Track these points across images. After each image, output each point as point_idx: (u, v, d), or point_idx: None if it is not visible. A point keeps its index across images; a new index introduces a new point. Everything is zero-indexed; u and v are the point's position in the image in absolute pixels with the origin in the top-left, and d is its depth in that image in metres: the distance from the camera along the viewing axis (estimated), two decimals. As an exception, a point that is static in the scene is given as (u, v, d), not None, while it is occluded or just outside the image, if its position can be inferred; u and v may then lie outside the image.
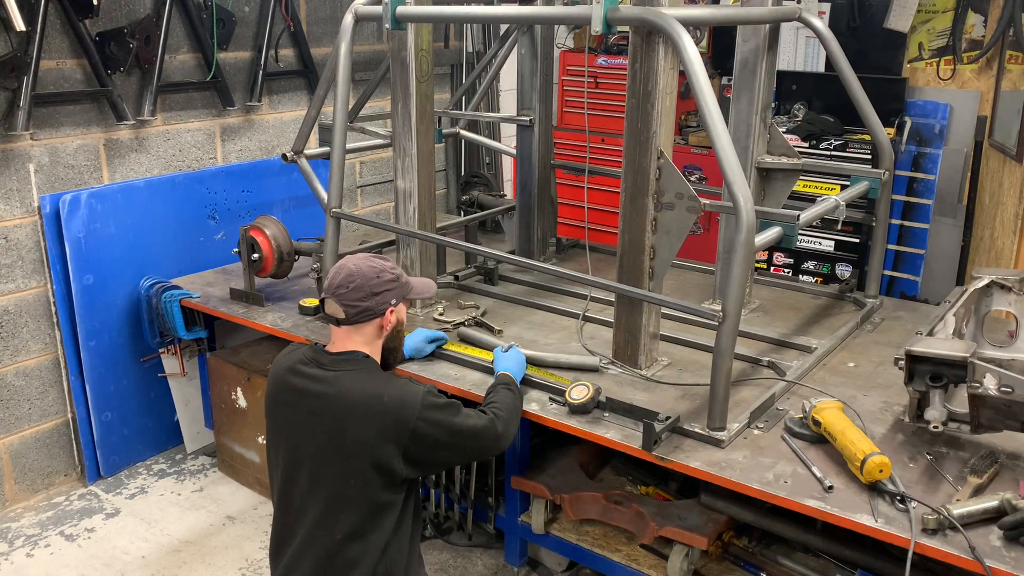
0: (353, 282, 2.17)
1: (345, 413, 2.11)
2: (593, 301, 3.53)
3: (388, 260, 2.29)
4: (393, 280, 2.23)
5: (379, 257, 2.28)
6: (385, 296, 2.21)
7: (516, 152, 4.11)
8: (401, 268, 2.31)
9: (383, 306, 2.21)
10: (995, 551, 2.03)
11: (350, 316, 2.18)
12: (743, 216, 2.37)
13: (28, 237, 3.66)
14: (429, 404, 2.13)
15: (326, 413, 2.13)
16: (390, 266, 2.25)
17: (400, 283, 2.25)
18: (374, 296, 2.19)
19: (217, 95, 4.22)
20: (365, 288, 2.17)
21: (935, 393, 2.38)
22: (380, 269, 2.21)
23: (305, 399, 2.17)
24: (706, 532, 2.62)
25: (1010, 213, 4.07)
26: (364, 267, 2.20)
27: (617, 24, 2.59)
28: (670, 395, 2.82)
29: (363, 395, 2.11)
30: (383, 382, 2.16)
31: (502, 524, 3.16)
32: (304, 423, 2.16)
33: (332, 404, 2.12)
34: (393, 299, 2.22)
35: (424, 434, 2.11)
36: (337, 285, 2.18)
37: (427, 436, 2.12)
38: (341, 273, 2.19)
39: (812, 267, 4.95)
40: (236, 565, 3.42)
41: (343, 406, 2.11)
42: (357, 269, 2.19)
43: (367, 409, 2.09)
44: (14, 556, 3.46)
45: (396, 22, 3.14)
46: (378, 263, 2.23)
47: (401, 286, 2.25)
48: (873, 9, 4.86)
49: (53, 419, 3.88)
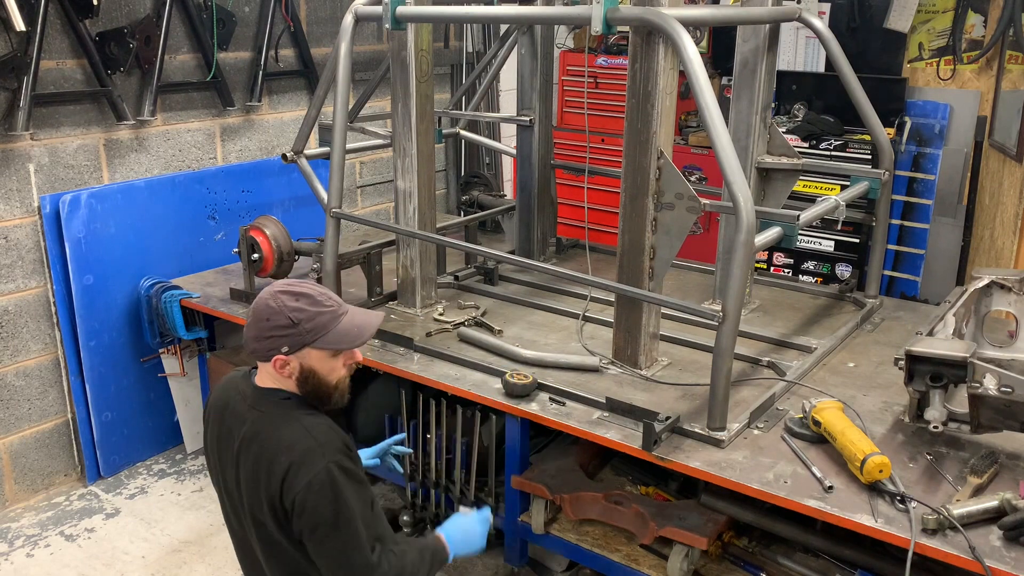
0: (249, 317, 1.97)
1: (254, 461, 1.92)
2: (593, 301, 3.53)
3: (309, 293, 1.95)
4: (286, 327, 1.90)
5: (299, 290, 1.95)
6: (273, 343, 1.92)
7: (516, 152, 4.11)
8: (328, 309, 1.94)
9: (271, 352, 1.93)
10: (995, 551, 2.03)
11: (256, 354, 1.98)
12: (743, 216, 2.37)
13: (28, 237, 3.66)
14: (327, 485, 1.84)
15: (241, 459, 1.95)
16: (294, 306, 1.91)
17: (296, 330, 1.90)
18: (264, 339, 1.93)
19: (217, 95, 4.22)
20: (254, 327, 1.94)
21: (935, 393, 2.39)
22: (276, 310, 1.90)
23: (230, 441, 2.00)
24: (706, 532, 2.61)
25: (1010, 213, 4.07)
26: (263, 304, 1.93)
27: (617, 24, 2.59)
28: (670, 395, 2.82)
29: (266, 445, 1.91)
30: (289, 434, 1.91)
31: (502, 524, 3.16)
32: (229, 467, 2.02)
33: (247, 449, 1.94)
34: (284, 347, 1.91)
35: (303, 509, 1.84)
36: (247, 312, 1.99)
37: (305, 513, 1.85)
38: (252, 304, 1.98)
39: (812, 267, 4.95)
40: (236, 565, 3.40)
41: (254, 453, 1.93)
42: (258, 303, 1.95)
43: (268, 462, 1.89)
44: (14, 556, 3.46)
45: (396, 22, 3.14)
46: (282, 302, 1.91)
47: (298, 334, 1.91)
48: (873, 9, 4.86)
49: (53, 419, 3.88)
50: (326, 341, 1.95)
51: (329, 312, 1.95)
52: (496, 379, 2.93)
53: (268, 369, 1.98)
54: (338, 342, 1.96)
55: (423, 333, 3.31)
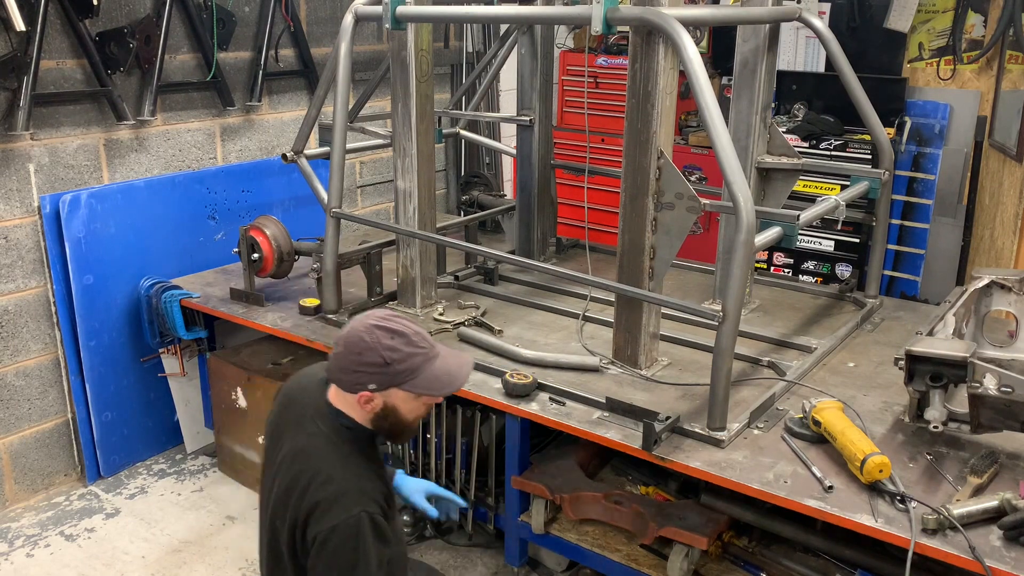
0: (339, 346, 1.92)
1: (293, 477, 1.92)
2: (593, 301, 3.53)
3: (404, 332, 1.89)
4: (378, 365, 1.86)
5: (394, 327, 1.89)
6: (361, 378, 1.89)
7: (516, 152, 4.11)
8: (422, 350, 1.90)
9: (357, 387, 1.90)
10: (995, 551, 2.03)
11: (329, 375, 1.97)
12: (743, 216, 2.38)
13: (28, 237, 3.66)
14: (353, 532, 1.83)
15: (283, 467, 1.96)
16: (388, 344, 1.87)
17: (388, 370, 1.87)
18: (352, 372, 1.90)
19: (217, 95, 4.22)
20: (344, 359, 1.90)
21: (935, 393, 2.39)
22: (369, 346, 1.86)
23: (280, 441, 2.01)
24: (706, 532, 2.61)
25: (1010, 213, 4.07)
26: (356, 337, 1.88)
27: (617, 24, 2.59)
28: (670, 395, 2.82)
29: (310, 467, 1.90)
30: (335, 468, 1.89)
31: (502, 524, 3.16)
32: (271, 464, 2.03)
33: (291, 462, 1.95)
34: (372, 384, 1.89)
35: (323, 549, 1.83)
36: (334, 342, 1.95)
37: (324, 553, 1.83)
38: (344, 328, 1.95)
39: (812, 267, 4.95)
40: (236, 565, 3.42)
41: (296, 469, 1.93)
42: (351, 335, 1.90)
43: (304, 486, 1.88)
44: (14, 556, 3.46)
45: (396, 22, 3.14)
46: (376, 339, 1.87)
47: (389, 374, 1.87)
48: (873, 9, 4.86)
49: (53, 419, 3.88)
50: (415, 385, 1.91)
51: (422, 354, 1.90)
52: (496, 379, 2.93)
53: (347, 397, 1.94)
54: (428, 387, 1.93)
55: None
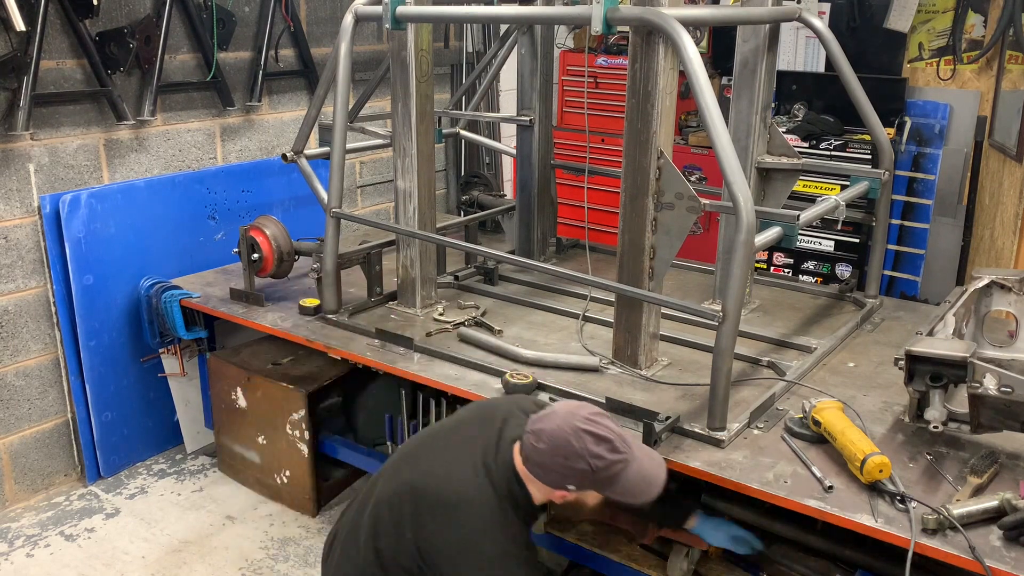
0: (542, 441, 1.92)
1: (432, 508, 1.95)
2: (593, 301, 3.53)
3: (610, 438, 1.91)
4: (582, 471, 1.90)
5: (602, 432, 1.91)
6: (562, 479, 1.93)
7: (516, 152, 4.11)
8: (624, 455, 1.92)
9: (556, 485, 1.95)
10: (995, 551, 2.03)
11: (525, 463, 1.96)
12: (743, 216, 2.37)
13: (28, 237, 3.66)
14: None
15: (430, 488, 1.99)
16: (595, 452, 1.89)
17: (591, 477, 1.90)
18: (553, 471, 1.93)
19: (217, 95, 4.22)
20: (548, 456, 1.91)
21: (935, 393, 2.38)
22: (577, 453, 1.89)
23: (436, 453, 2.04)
24: (706, 532, 2.61)
25: (1010, 213, 4.07)
26: (564, 439, 1.90)
27: (617, 24, 2.59)
28: (670, 395, 2.82)
29: (457, 514, 1.93)
30: (483, 537, 1.92)
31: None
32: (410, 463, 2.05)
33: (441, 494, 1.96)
34: (572, 485, 1.94)
35: None
36: (535, 431, 1.94)
37: None
38: (543, 423, 1.94)
39: (812, 267, 4.95)
40: (236, 565, 3.42)
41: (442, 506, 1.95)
42: (559, 434, 1.90)
43: (441, 526, 1.92)
44: (14, 556, 3.46)
45: (396, 22, 3.14)
46: (584, 445, 1.89)
47: (591, 480, 1.91)
48: (873, 9, 4.86)
49: (53, 419, 3.88)
50: (614, 491, 1.95)
51: (623, 461, 1.93)
52: (496, 379, 2.93)
53: (538, 483, 1.97)
54: (624, 494, 1.96)
55: (423, 333, 3.31)
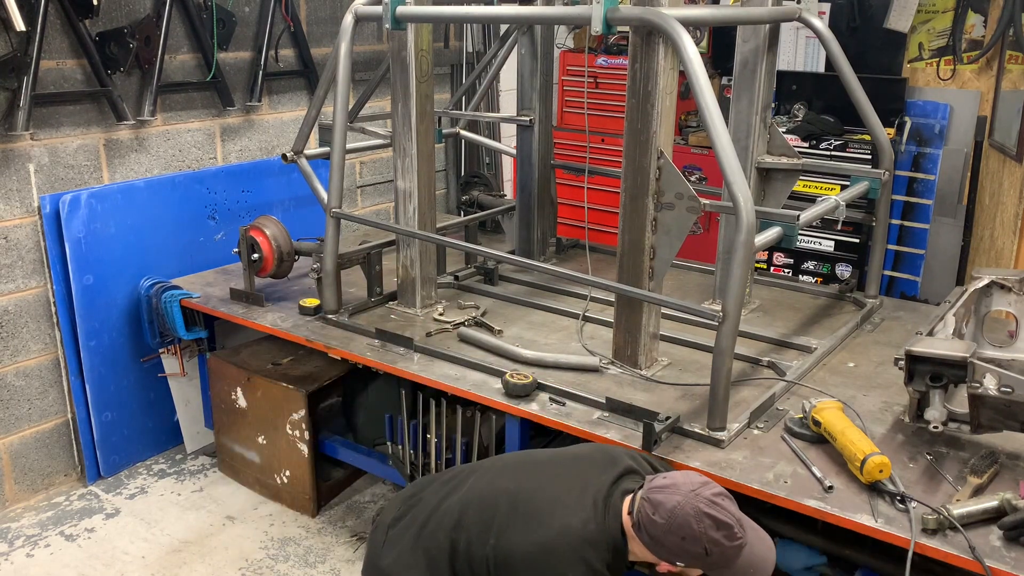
0: (661, 516, 1.89)
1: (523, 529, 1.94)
2: (593, 301, 3.53)
3: (730, 524, 1.88)
4: (697, 554, 1.87)
5: (724, 518, 1.88)
6: (674, 556, 1.91)
7: (516, 152, 4.11)
8: (740, 542, 1.90)
9: (665, 559, 1.94)
10: (995, 551, 2.03)
11: (635, 529, 1.95)
12: (743, 216, 2.37)
13: (28, 237, 3.66)
14: None
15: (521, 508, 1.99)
16: (714, 538, 1.86)
17: (704, 560, 1.88)
18: (668, 548, 1.90)
19: (217, 95, 4.22)
20: (665, 534, 1.89)
21: (935, 393, 2.38)
22: (696, 536, 1.86)
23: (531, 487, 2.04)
24: (706, 532, 2.61)
25: (1010, 213, 4.07)
26: (686, 519, 1.86)
27: (617, 24, 2.59)
28: (670, 395, 2.82)
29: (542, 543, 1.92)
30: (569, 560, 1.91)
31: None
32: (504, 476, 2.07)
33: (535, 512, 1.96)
34: (682, 563, 1.92)
35: None
36: (652, 501, 1.92)
37: None
38: (663, 494, 1.91)
39: (812, 267, 4.95)
40: (236, 565, 3.42)
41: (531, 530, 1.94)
42: (682, 513, 1.87)
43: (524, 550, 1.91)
44: (14, 556, 3.46)
45: (396, 22, 3.14)
46: (704, 529, 1.86)
47: (703, 563, 1.89)
48: (873, 9, 4.86)
49: (53, 419, 3.88)
50: (719, 571, 1.93)
51: (738, 546, 1.90)
52: (496, 379, 2.93)
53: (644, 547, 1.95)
54: (738, 570, 1.93)
55: (423, 333, 3.31)
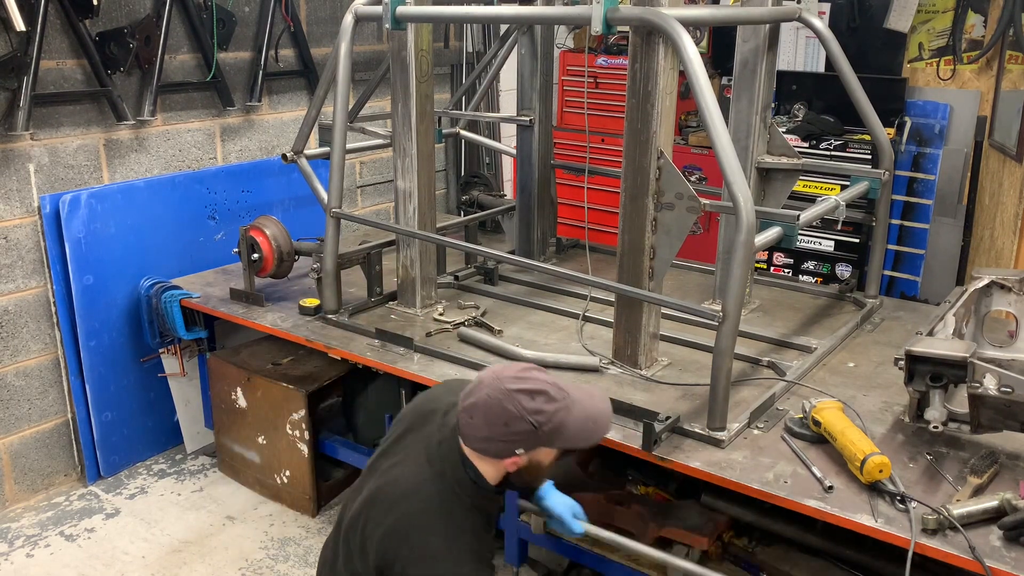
0: (475, 416, 1.85)
1: (386, 510, 1.90)
2: (593, 301, 3.53)
3: (543, 390, 1.85)
4: (527, 432, 1.83)
5: (532, 386, 1.84)
6: (509, 446, 1.86)
7: (516, 152, 4.11)
8: (562, 402, 1.86)
9: (505, 454, 1.88)
10: (995, 551, 2.03)
11: (467, 443, 1.90)
12: (743, 216, 2.37)
13: (28, 237, 3.66)
14: None
15: (381, 495, 1.94)
16: (533, 407, 1.82)
17: (537, 434, 1.83)
18: (498, 441, 1.85)
19: (217, 95, 4.22)
20: (486, 429, 1.85)
21: (935, 393, 2.38)
22: (515, 415, 1.81)
23: (390, 459, 2.00)
24: (706, 532, 2.62)
25: (1010, 213, 4.07)
26: (498, 406, 1.82)
27: (617, 24, 2.59)
28: (670, 395, 2.82)
29: (408, 513, 1.87)
30: (433, 526, 1.86)
31: (502, 524, 3.16)
32: (373, 477, 2.02)
33: (390, 494, 1.92)
34: (520, 449, 1.86)
35: None
36: (466, 408, 1.87)
37: None
38: (473, 397, 1.86)
39: (812, 267, 4.95)
40: (236, 565, 3.42)
41: (390, 503, 1.90)
42: (491, 403, 1.83)
43: (392, 526, 1.86)
44: (14, 556, 3.46)
45: (396, 22, 3.14)
46: (520, 405, 1.81)
47: (538, 437, 1.84)
48: (873, 9, 4.86)
49: (53, 419, 3.88)
50: (564, 441, 1.89)
51: (564, 407, 1.86)
52: (496, 379, 2.92)
53: (486, 458, 1.92)
54: (575, 441, 1.91)
55: (423, 333, 3.31)
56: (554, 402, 1.85)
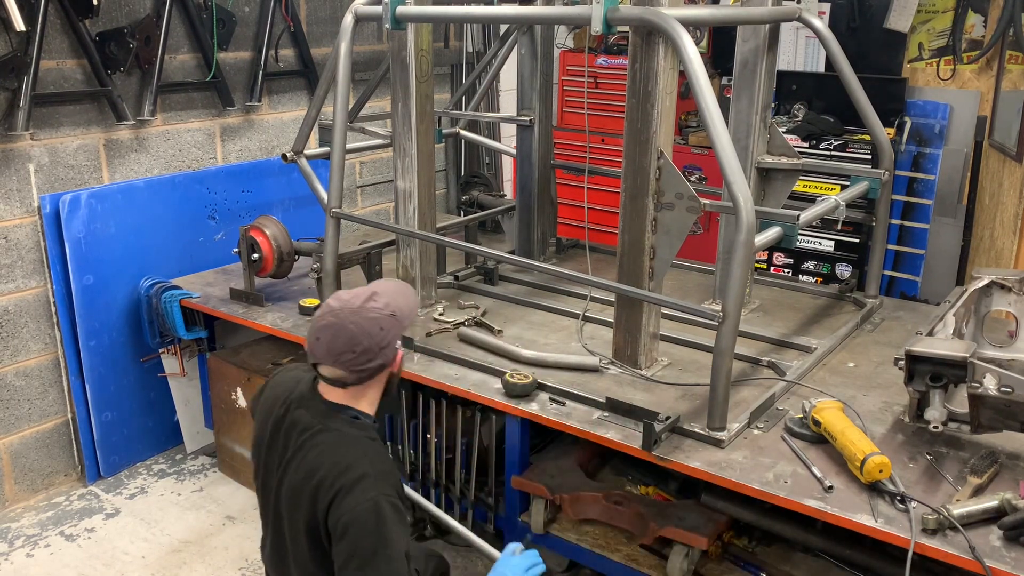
0: (359, 345, 1.93)
1: (306, 474, 1.95)
2: (593, 301, 3.53)
3: (376, 295, 2.00)
4: (392, 324, 1.97)
5: (359, 292, 2.01)
6: (391, 344, 1.98)
7: (516, 152, 4.11)
8: (382, 292, 2.02)
9: (392, 353, 2.00)
10: (995, 551, 2.03)
11: (361, 378, 1.98)
12: (743, 216, 2.38)
13: (28, 237, 3.66)
14: (374, 515, 1.86)
15: (291, 467, 1.99)
16: (382, 306, 1.97)
17: (397, 319, 1.99)
18: (383, 350, 1.96)
19: (217, 95, 4.22)
20: (373, 348, 1.94)
21: (935, 393, 2.39)
22: (378, 318, 1.95)
23: (283, 447, 2.03)
24: (706, 532, 2.61)
25: (1010, 213, 4.07)
26: (365, 324, 1.94)
27: (617, 24, 2.59)
28: (670, 395, 2.82)
29: (322, 462, 1.93)
30: (349, 457, 1.93)
31: (502, 524, 3.16)
32: (274, 471, 2.04)
33: (301, 460, 1.97)
34: (396, 342, 2.00)
35: (344, 534, 1.86)
36: (340, 352, 1.94)
37: (346, 539, 1.86)
38: (340, 336, 1.93)
39: (812, 267, 4.95)
40: (236, 565, 3.42)
41: (309, 466, 1.95)
42: (359, 329, 1.93)
43: (320, 479, 1.91)
44: (14, 556, 3.46)
45: (396, 22, 3.14)
46: (374, 310, 1.96)
47: (399, 322, 2.00)
48: (873, 9, 4.86)
49: (53, 419, 3.88)
50: (409, 315, 2.03)
51: (380, 291, 2.01)
52: (496, 379, 2.93)
53: (373, 384, 2.02)
54: (413, 312, 2.06)
55: (423, 333, 3.31)
56: (378, 295, 2.00)
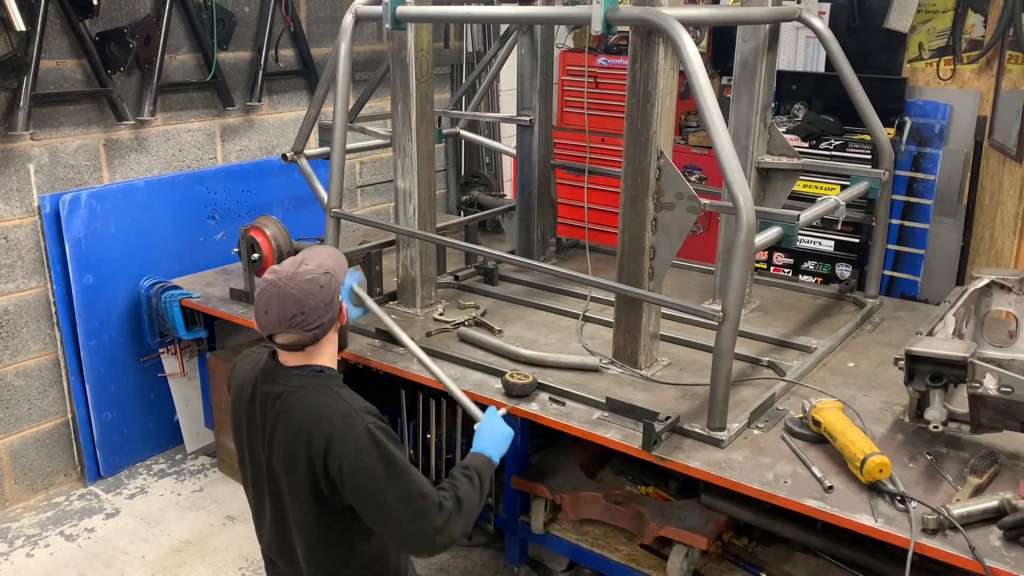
0: (306, 305, 2.01)
1: (292, 435, 1.99)
2: (593, 301, 3.53)
3: (306, 260, 2.09)
4: (329, 280, 2.06)
5: (293, 260, 2.09)
6: (335, 299, 2.08)
7: (516, 152, 4.11)
8: (312, 256, 2.11)
9: (337, 306, 2.09)
10: (995, 551, 2.03)
11: (317, 336, 2.05)
12: (743, 216, 2.37)
13: (28, 237, 3.66)
14: (370, 444, 1.92)
15: (276, 438, 2.02)
16: (315, 267, 2.06)
17: (332, 275, 2.09)
18: (328, 305, 2.04)
19: (217, 95, 4.22)
20: (320, 305, 2.02)
21: (935, 393, 2.39)
22: (315, 277, 2.04)
23: (262, 422, 2.07)
24: (706, 532, 2.62)
25: (1010, 213, 4.07)
26: (305, 286, 2.02)
27: (617, 24, 2.59)
28: (670, 395, 2.82)
29: (303, 417, 1.99)
30: (325, 403, 2.00)
31: (502, 524, 3.16)
32: (260, 448, 2.08)
33: (283, 426, 2.01)
34: (339, 297, 2.11)
35: (353, 471, 1.92)
36: (291, 316, 2.00)
37: (356, 473, 1.92)
38: (287, 302, 2.00)
39: (812, 267, 4.95)
40: (236, 565, 3.42)
41: (292, 428, 2.00)
42: (302, 291, 2.01)
43: (307, 434, 1.96)
44: (14, 556, 3.46)
45: (396, 22, 3.14)
46: (310, 272, 2.04)
47: (334, 277, 2.10)
48: (873, 9, 4.86)
49: (53, 419, 3.88)
50: (341, 271, 2.13)
51: (313, 255, 2.10)
52: (496, 379, 2.93)
53: (328, 338, 2.09)
54: (343, 267, 2.17)
55: (423, 333, 3.31)
56: (308, 260, 2.09)
